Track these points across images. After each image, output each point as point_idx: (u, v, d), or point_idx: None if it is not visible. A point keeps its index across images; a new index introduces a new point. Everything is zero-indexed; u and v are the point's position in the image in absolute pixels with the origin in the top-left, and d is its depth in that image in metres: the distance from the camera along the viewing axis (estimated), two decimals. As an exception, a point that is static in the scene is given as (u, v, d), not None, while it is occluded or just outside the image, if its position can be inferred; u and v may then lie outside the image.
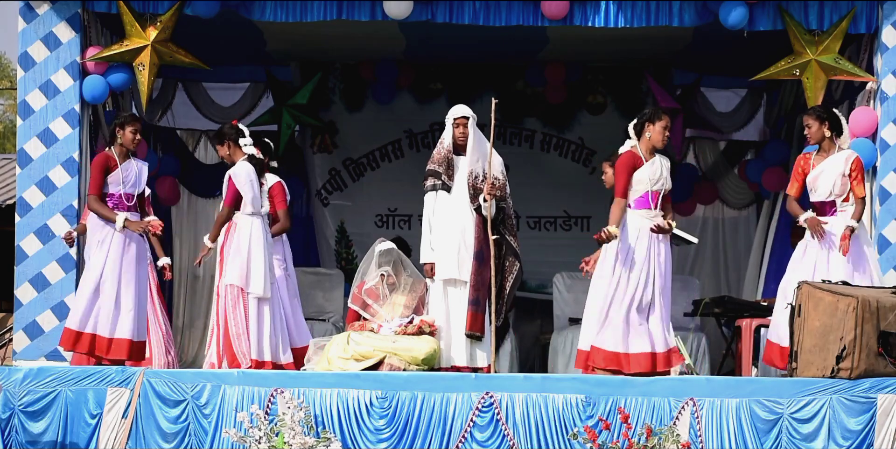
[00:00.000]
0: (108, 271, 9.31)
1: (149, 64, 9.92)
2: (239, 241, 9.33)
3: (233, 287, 9.26)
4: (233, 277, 9.26)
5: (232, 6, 9.94)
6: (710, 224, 13.21)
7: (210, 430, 8.61)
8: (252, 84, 13.29)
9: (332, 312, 12.50)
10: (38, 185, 9.76)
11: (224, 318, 9.25)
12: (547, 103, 13.85)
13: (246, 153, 9.46)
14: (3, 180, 17.86)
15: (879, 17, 9.79)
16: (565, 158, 14.00)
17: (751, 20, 9.83)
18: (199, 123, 13.22)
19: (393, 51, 12.63)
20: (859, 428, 8.35)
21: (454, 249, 9.50)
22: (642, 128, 9.15)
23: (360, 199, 14.04)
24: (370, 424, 8.54)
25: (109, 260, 9.31)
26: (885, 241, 9.60)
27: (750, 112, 13.24)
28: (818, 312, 8.53)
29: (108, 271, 9.31)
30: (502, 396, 8.53)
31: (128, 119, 9.55)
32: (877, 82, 9.80)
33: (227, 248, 9.35)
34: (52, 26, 9.83)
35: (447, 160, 9.59)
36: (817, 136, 9.17)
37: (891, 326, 8.41)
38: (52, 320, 9.62)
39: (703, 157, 13.41)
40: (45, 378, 8.83)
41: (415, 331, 9.43)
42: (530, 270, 12.98)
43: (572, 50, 12.22)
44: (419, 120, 13.87)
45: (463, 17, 9.97)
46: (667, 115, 9.20)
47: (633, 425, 8.33)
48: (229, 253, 9.33)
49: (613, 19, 9.89)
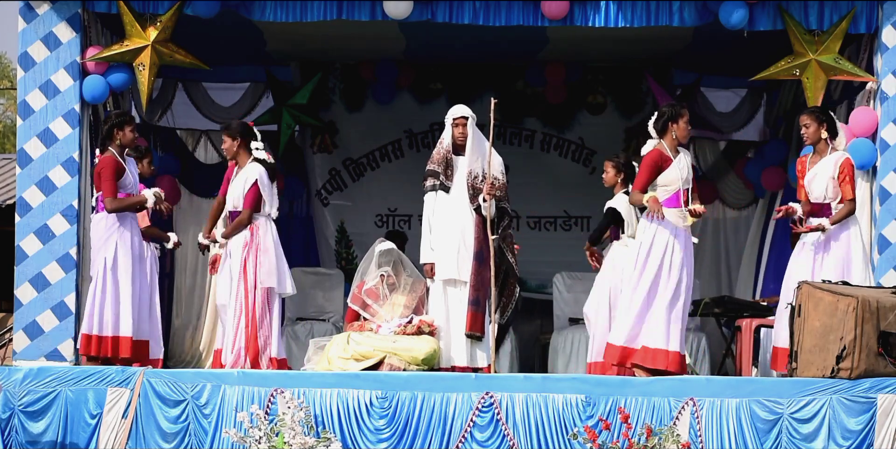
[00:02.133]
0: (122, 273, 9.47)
1: (149, 64, 9.92)
2: (265, 243, 9.48)
3: (266, 290, 9.41)
4: (270, 280, 9.42)
5: (232, 6, 9.93)
6: (710, 224, 13.20)
7: (210, 430, 8.61)
8: (252, 84, 13.28)
9: (332, 312, 12.50)
10: (38, 185, 9.75)
11: (255, 318, 9.34)
12: (547, 103, 13.85)
13: (253, 156, 9.56)
14: (3, 180, 17.87)
15: (879, 17, 9.79)
16: (565, 158, 14.00)
17: (751, 20, 9.82)
18: (199, 123, 13.22)
19: (393, 51, 12.62)
20: (859, 428, 8.35)
21: (454, 249, 9.50)
22: (665, 127, 9.16)
23: (360, 199, 14.04)
24: (370, 424, 8.55)
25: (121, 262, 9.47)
26: (885, 241, 9.59)
27: (750, 112, 13.24)
28: (818, 312, 8.53)
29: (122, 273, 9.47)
30: (502, 396, 8.53)
31: (127, 119, 9.58)
32: (877, 82, 9.79)
33: (250, 250, 9.42)
34: (52, 26, 9.81)
35: (447, 160, 9.60)
36: (814, 137, 9.23)
37: (891, 326, 8.41)
38: (52, 320, 9.61)
39: (703, 157, 13.41)
40: (45, 378, 8.84)
41: (414, 331, 9.43)
42: (530, 270, 13.03)
43: (572, 50, 12.22)
44: (419, 120, 13.87)
45: (463, 17, 9.96)
46: (685, 108, 9.28)
47: (633, 425, 8.34)
48: (256, 255, 9.43)
49: (613, 19, 9.88)
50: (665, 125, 9.16)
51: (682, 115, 9.18)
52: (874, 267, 9.56)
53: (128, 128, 9.56)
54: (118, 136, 9.55)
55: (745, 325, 10.66)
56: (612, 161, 10.12)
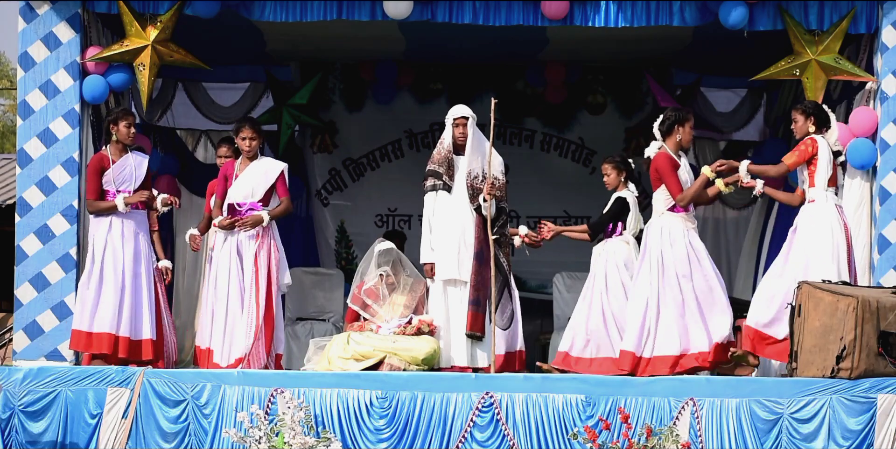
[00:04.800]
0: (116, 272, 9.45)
1: (149, 64, 9.92)
2: (278, 239, 9.65)
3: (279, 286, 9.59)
4: (288, 277, 9.66)
5: (232, 6, 9.93)
6: (710, 224, 13.19)
7: (210, 430, 8.61)
8: (252, 84, 13.27)
9: (332, 312, 12.50)
10: (38, 185, 9.75)
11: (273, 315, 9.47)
12: (547, 103, 13.85)
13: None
14: (3, 180, 17.87)
15: (879, 17, 9.79)
16: (565, 158, 14.00)
17: (751, 20, 9.82)
18: (199, 123, 13.21)
19: (393, 51, 12.62)
20: (859, 428, 8.35)
21: (454, 249, 9.50)
22: (670, 130, 9.25)
23: (360, 199, 14.04)
24: (370, 424, 8.55)
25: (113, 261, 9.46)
26: (885, 241, 9.59)
27: (750, 112, 13.23)
28: (818, 312, 8.54)
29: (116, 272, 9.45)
30: (502, 396, 8.53)
31: (120, 114, 9.60)
32: (877, 82, 9.79)
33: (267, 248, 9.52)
34: (52, 26, 9.82)
35: (447, 160, 9.60)
36: (802, 131, 9.38)
37: (891, 326, 8.41)
38: (52, 320, 9.61)
39: (703, 156, 13.40)
40: (45, 378, 8.84)
41: (414, 331, 9.43)
42: (530, 270, 13.03)
43: (572, 50, 12.21)
44: (419, 120, 13.87)
45: (463, 17, 9.96)
46: (691, 113, 9.38)
47: (633, 425, 8.34)
48: (273, 253, 9.55)
49: (613, 19, 9.88)
50: (670, 128, 9.28)
51: (687, 120, 9.33)
52: (874, 267, 9.56)
53: (122, 123, 9.56)
54: (113, 131, 9.56)
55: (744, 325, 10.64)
56: (610, 163, 10.01)
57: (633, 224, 9.85)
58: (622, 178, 9.96)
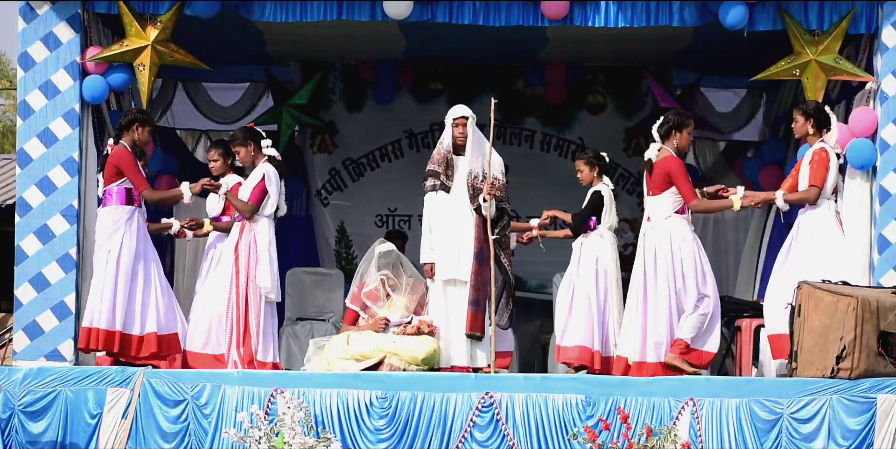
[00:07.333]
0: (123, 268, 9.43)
1: (149, 64, 9.92)
2: (262, 243, 9.51)
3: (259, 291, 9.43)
4: (265, 281, 9.42)
5: (232, 6, 9.93)
6: (710, 224, 13.19)
7: (210, 430, 8.61)
8: (252, 84, 13.29)
9: (333, 312, 12.49)
10: (38, 186, 9.74)
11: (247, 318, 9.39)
12: (547, 103, 13.85)
13: (266, 155, 9.63)
14: (3, 180, 17.87)
15: (879, 17, 9.78)
16: (565, 158, 13.99)
17: (751, 20, 9.82)
18: (199, 123, 13.22)
19: (393, 51, 12.62)
20: (859, 428, 8.35)
21: (454, 249, 9.50)
22: (669, 133, 9.30)
23: (360, 199, 14.04)
24: (370, 424, 8.55)
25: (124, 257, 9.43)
26: (885, 241, 9.58)
27: (750, 112, 13.24)
28: (818, 312, 8.54)
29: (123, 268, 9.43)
30: (502, 396, 8.53)
31: (147, 118, 9.60)
32: (877, 82, 9.79)
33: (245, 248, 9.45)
34: (52, 26, 9.81)
35: (447, 160, 9.60)
36: (801, 131, 9.43)
37: (891, 326, 8.41)
38: (52, 320, 9.61)
39: (703, 157, 13.41)
40: (45, 378, 8.84)
41: (414, 331, 9.43)
42: (530, 270, 13.02)
43: (572, 50, 12.21)
44: (419, 120, 13.87)
45: (463, 17, 9.96)
46: (691, 118, 9.44)
47: (633, 425, 8.34)
48: (252, 254, 9.46)
49: (613, 19, 9.88)
50: (669, 132, 9.31)
51: (686, 125, 9.36)
52: (874, 267, 9.56)
53: (147, 127, 9.58)
54: (136, 131, 9.53)
55: (744, 325, 10.65)
56: (582, 159, 10.24)
57: (607, 218, 9.96)
58: (595, 174, 10.14)
